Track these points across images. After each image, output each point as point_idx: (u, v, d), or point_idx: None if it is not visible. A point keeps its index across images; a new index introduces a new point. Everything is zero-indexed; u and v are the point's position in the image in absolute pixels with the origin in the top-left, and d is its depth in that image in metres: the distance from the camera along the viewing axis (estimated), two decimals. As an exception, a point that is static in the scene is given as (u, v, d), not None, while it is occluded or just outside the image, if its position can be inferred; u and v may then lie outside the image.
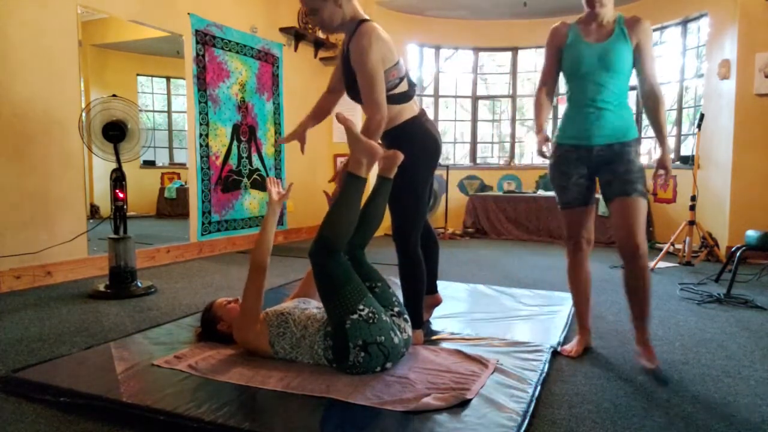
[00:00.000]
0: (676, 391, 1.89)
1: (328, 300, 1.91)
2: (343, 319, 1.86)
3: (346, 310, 1.87)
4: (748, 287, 3.61)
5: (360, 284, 1.94)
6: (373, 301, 1.93)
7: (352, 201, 1.99)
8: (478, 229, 6.64)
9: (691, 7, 5.54)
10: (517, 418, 1.60)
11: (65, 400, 1.73)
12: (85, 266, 3.78)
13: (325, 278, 1.92)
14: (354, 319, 1.85)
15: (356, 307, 1.87)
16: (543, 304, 3.06)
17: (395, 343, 1.92)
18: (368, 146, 1.99)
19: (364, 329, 1.85)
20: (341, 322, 1.87)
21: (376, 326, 1.87)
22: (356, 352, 1.86)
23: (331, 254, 1.92)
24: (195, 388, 1.79)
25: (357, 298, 1.89)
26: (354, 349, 1.85)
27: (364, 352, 1.86)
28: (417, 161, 2.26)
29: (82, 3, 3.74)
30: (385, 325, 1.90)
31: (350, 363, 1.88)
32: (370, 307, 1.89)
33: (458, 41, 7.19)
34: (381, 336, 1.88)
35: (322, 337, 1.94)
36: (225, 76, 5.00)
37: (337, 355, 1.90)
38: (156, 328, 2.53)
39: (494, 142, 7.80)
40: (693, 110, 5.82)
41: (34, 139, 3.45)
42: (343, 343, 1.87)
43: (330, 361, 1.94)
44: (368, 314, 1.87)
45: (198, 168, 4.76)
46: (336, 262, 1.92)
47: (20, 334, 2.46)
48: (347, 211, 1.98)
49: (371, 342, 1.86)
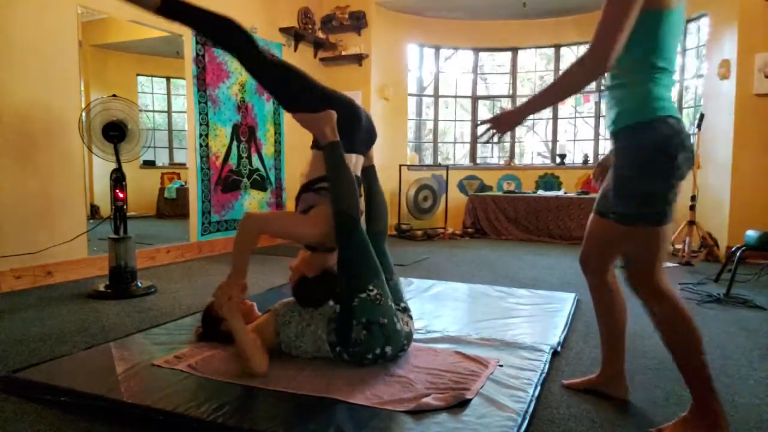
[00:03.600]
0: (676, 391, 1.89)
1: (346, 278, 1.99)
2: (352, 297, 1.94)
3: (358, 287, 1.95)
4: (748, 287, 3.61)
5: (375, 263, 2.03)
6: (384, 283, 2.02)
7: (341, 165, 2.06)
8: (477, 229, 6.64)
9: (691, 7, 5.53)
10: (517, 418, 1.61)
11: (65, 400, 1.74)
12: (86, 266, 3.78)
13: (348, 255, 2.00)
14: (362, 297, 1.93)
15: (367, 285, 1.95)
16: (543, 304, 3.06)
17: (397, 329, 1.99)
18: (316, 117, 2.09)
19: (369, 308, 1.93)
20: (350, 300, 1.94)
21: (381, 307, 1.95)
22: (358, 330, 1.92)
23: (353, 224, 2.00)
24: (195, 388, 1.80)
25: (371, 275, 1.98)
26: (357, 326, 1.92)
27: (366, 330, 1.92)
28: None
29: (82, 3, 3.74)
30: (390, 310, 1.99)
31: (352, 340, 1.93)
32: (379, 288, 1.97)
33: (458, 41, 7.19)
34: (384, 318, 1.95)
35: (326, 322, 2.01)
36: (225, 76, 5.00)
37: (340, 335, 1.96)
38: (156, 328, 2.53)
39: (494, 142, 7.79)
40: (693, 110, 5.82)
41: (34, 140, 3.45)
42: (347, 320, 1.94)
43: (332, 345, 1.98)
44: (376, 295, 1.95)
45: (198, 168, 4.76)
46: (357, 228, 2.02)
47: (21, 334, 2.47)
48: (343, 175, 2.05)
49: (374, 321, 1.92)
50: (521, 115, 1.65)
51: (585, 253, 1.83)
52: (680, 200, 1.61)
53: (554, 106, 7.12)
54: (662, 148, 1.50)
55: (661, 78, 1.54)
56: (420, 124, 7.64)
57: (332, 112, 2.09)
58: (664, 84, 1.55)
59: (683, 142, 1.52)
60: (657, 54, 1.52)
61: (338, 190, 2.03)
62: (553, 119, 7.27)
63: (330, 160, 2.07)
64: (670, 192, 1.53)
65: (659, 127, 1.51)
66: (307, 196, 2.14)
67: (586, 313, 2.95)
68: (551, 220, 6.23)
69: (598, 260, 1.79)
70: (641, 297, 1.64)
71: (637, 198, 1.55)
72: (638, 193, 1.54)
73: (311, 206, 2.10)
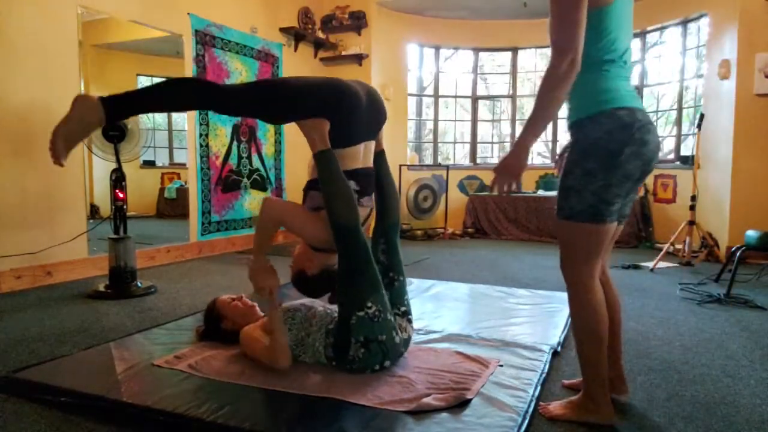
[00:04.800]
0: (676, 391, 1.89)
1: (344, 290, 1.93)
2: (350, 314, 1.88)
3: (356, 305, 1.88)
4: (748, 287, 3.61)
5: (376, 277, 1.95)
6: (383, 297, 1.94)
7: (335, 173, 1.95)
8: (478, 229, 6.64)
9: (691, 7, 5.54)
10: (517, 418, 1.60)
11: (65, 400, 1.73)
12: (86, 266, 3.78)
13: (347, 265, 1.93)
14: (360, 316, 1.87)
15: (365, 302, 1.88)
16: (543, 304, 3.06)
17: (396, 343, 1.95)
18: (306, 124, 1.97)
19: (368, 326, 1.87)
20: (347, 317, 1.88)
21: (379, 325, 1.89)
22: (356, 348, 1.87)
23: (351, 233, 1.91)
24: (195, 388, 1.79)
25: (370, 290, 1.91)
26: (355, 344, 1.87)
27: (365, 348, 1.87)
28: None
29: (82, 3, 3.74)
30: (389, 324, 1.93)
31: (350, 358, 1.89)
32: (377, 304, 1.90)
33: (458, 41, 7.19)
34: (383, 335, 1.90)
35: (324, 334, 1.96)
36: (225, 76, 5.00)
37: (338, 351, 1.91)
38: (156, 328, 2.53)
39: (494, 142, 7.80)
40: (693, 110, 5.82)
41: (34, 140, 3.45)
42: (345, 337, 1.89)
43: (330, 359, 1.95)
44: (374, 312, 1.89)
45: (198, 168, 4.76)
46: (358, 242, 1.92)
47: (20, 335, 2.46)
48: (335, 187, 1.93)
49: (372, 339, 1.88)
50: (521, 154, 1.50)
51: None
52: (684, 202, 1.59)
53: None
54: (600, 143, 1.47)
55: (609, 70, 1.51)
56: (420, 124, 7.64)
57: (321, 120, 1.95)
58: (613, 75, 1.52)
59: (634, 135, 1.46)
60: (604, 49, 1.50)
61: (332, 203, 1.92)
62: (553, 119, 7.27)
63: (320, 172, 1.95)
64: (606, 189, 1.49)
65: (602, 121, 1.48)
66: (315, 194, 2.04)
67: (587, 313, 2.95)
68: (551, 220, 6.22)
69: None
70: (565, 281, 1.67)
71: (568, 191, 1.54)
72: (569, 186, 1.54)
73: (319, 207, 2.02)
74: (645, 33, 6.35)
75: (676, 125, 6.14)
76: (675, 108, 6.22)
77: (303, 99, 1.99)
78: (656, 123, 7.02)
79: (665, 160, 6.26)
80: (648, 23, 6.16)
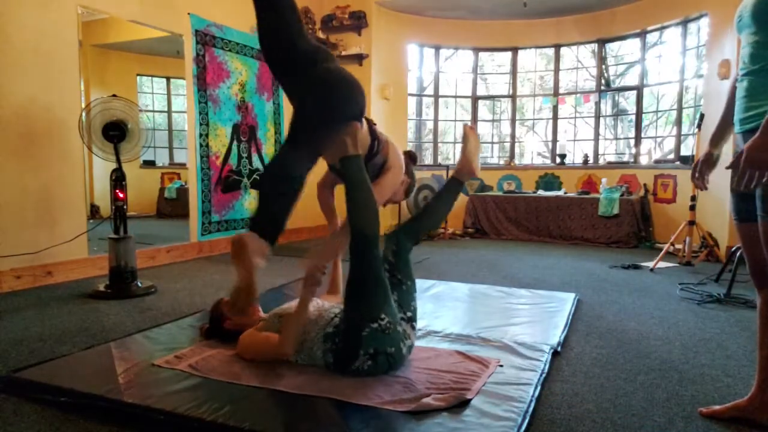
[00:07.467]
0: (676, 391, 1.89)
1: (356, 300, 1.90)
2: (363, 325, 1.85)
3: (370, 316, 1.86)
4: (748, 287, 3.61)
5: (388, 288, 1.95)
6: (393, 308, 1.94)
7: (364, 181, 1.95)
8: (478, 229, 6.64)
9: (691, 7, 5.54)
10: (517, 418, 1.60)
11: (65, 400, 1.73)
12: (86, 266, 3.78)
13: (361, 274, 1.90)
14: (373, 327, 1.85)
15: (379, 314, 1.86)
16: (543, 304, 3.06)
17: (403, 354, 1.94)
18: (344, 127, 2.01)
19: (379, 338, 1.85)
20: (359, 328, 1.85)
21: (390, 337, 1.88)
22: (364, 359, 1.85)
23: (370, 243, 1.90)
24: (195, 388, 1.79)
25: (383, 301, 1.90)
26: (363, 356, 1.85)
27: (372, 360, 1.85)
28: None
29: (82, 3, 3.74)
30: (398, 336, 1.91)
31: (353, 369, 1.87)
32: (390, 316, 1.89)
33: (458, 41, 7.19)
34: (392, 347, 1.88)
35: (321, 339, 1.94)
36: (225, 76, 5.00)
37: (340, 360, 1.88)
38: (156, 328, 2.53)
39: (494, 142, 7.80)
40: (693, 110, 5.82)
41: (35, 140, 3.45)
42: (353, 348, 1.85)
43: (328, 365, 1.92)
44: (386, 324, 1.87)
45: (198, 168, 4.76)
46: (375, 252, 1.92)
47: (21, 334, 2.46)
48: (361, 193, 1.93)
49: (381, 351, 1.86)
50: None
51: (756, 265, 1.65)
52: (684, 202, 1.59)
53: (554, 107, 7.12)
54: None
55: None
56: (420, 124, 7.64)
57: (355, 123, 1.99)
58: None
59: None
60: None
61: (357, 211, 1.92)
62: (553, 119, 7.27)
63: (349, 177, 1.96)
64: None
65: None
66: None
67: (587, 313, 2.95)
68: (551, 220, 6.22)
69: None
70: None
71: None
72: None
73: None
74: (645, 33, 6.35)
75: (677, 125, 6.14)
76: (675, 108, 6.22)
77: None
78: (656, 123, 7.02)
79: (665, 160, 6.26)
80: (648, 23, 6.16)
